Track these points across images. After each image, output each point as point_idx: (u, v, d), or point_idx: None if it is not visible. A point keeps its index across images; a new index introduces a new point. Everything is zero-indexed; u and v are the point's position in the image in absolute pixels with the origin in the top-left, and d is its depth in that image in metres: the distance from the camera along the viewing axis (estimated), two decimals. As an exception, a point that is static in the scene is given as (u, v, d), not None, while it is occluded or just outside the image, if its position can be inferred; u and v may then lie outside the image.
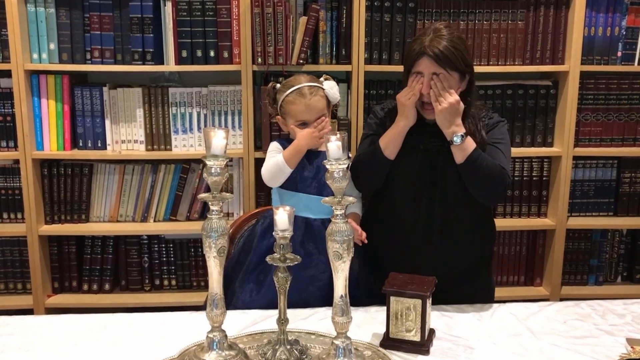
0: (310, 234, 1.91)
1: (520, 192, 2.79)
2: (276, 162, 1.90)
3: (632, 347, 1.56)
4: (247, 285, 1.90)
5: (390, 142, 1.90)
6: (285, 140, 1.99)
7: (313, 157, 1.96)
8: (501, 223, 2.70)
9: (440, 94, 1.82)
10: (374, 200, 2.08)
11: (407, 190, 1.93)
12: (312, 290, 1.87)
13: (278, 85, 2.00)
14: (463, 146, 1.82)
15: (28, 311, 2.64)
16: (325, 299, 1.85)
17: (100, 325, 1.70)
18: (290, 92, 1.93)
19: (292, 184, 1.94)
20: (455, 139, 1.82)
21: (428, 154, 1.92)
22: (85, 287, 2.77)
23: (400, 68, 2.03)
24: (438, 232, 1.92)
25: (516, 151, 2.67)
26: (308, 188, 1.94)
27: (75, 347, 1.58)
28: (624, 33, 2.67)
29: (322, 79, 1.99)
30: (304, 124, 1.93)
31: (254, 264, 1.92)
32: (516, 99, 2.71)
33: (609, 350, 1.56)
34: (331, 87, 1.98)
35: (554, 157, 2.76)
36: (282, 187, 1.96)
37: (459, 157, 1.84)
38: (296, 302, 1.72)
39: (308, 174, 1.94)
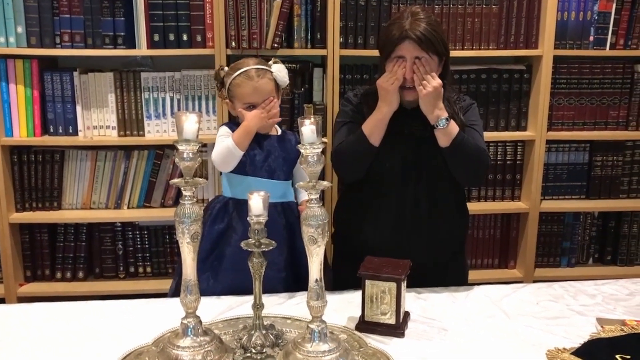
0: None
1: (494, 176, 2.82)
2: (227, 145, 1.86)
3: (602, 327, 1.59)
4: (203, 274, 1.87)
5: (375, 129, 1.87)
6: (235, 125, 1.95)
7: (262, 140, 1.93)
8: (475, 207, 2.73)
9: (424, 78, 1.82)
10: (352, 186, 2.05)
11: (393, 176, 1.92)
12: (271, 274, 1.84)
13: (226, 68, 1.97)
14: (447, 130, 1.82)
15: (-1, 300, 2.60)
16: (285, 280, 1.86)
17: (73, 313, 1.68)
18: (237, 75, 1.90)
19: (242, 168, 1.91)
20: (440, 122, 1.81)
21: (412, 139, 1.91)
22: (59, 275, 2.74)
23: (375, 52, 2.01)
24: (425, 217, 1.91)
25: (490, 135, 2.70)
26: (258, 171, 1.91)
27: (48, 335, 1.56)
28: (596, 18, 2.69)
29: (271, 62, 1.96)
30: (251, 107, 1.91)
31: (206, 252, 1.88)
32: (490, 83, 2.73)
33: (580, 330, 1.59)
34: (279, 70, 1.94)
35: (528, 141, 2.79)
36: (232, 171, 1.93)
37: (444, 141, 1.84)
38: (272, 285, 1.73)
39: (258, 157, 1.91)
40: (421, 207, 1.91)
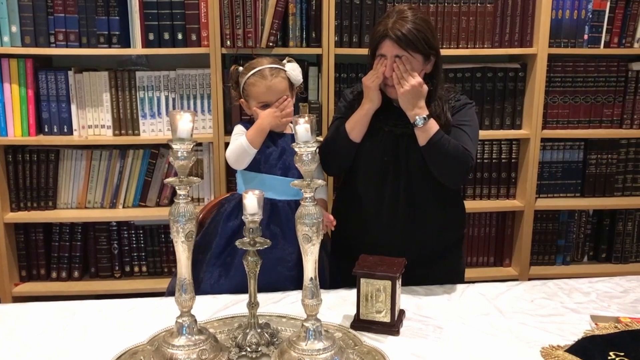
0: (275, 216, 1.90)
1: (489, 174, 2.83)
2: (240, 143, 1.88)
3: (596, 324, 1.60)
4: (215, 269, 1.90)
5: (356, 125, 1.90)
6: (249, 123, 1.97)
7: (277, 138, 1.95)
8: (471, 205, 2.74)
9: (403, 77, 1.82)
10: (344, 183, 2.08)
11: (371, 173, 1.94)
12: (281, 271, 1.87)
13: (241, 68, 1.98)
14: (425, 128, 1.83)
15: (-5, 300, 2.60)
16: (295, 279, 1.85)
17: (68, 312, 1.68)
18: (252, 74, 1.92)
19: (256, 165, 1.92)
20: (417, 121, 1.82)
21: (392, 136, 1.92)
22: (54, 274, 2.73)
23: (369, 51, 2.02)
24: (403, 215, 1.92)
25: (485, 134, 2.70)
26: (273, 169, 1.93)
27: (43, 334, 1.56)
28: (590, 16, 2.70)
29: (284, 61, 1.97)
30: (266, 106, 1.92)
31: (221, 247, 1.91)
32: (485, 81, 2.73)
33: (574, 327, 1.59)
34: (293, 69, 1.96)
35: (523, 140, 2.79)
36: (246, 169, 1.94)
37: (422, 139, 1.85)
38: (266, 284, 1.73)
39: (273, 155, 1.93)
40: (400, 203, 1.92)
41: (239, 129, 1.96)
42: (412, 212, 1.93)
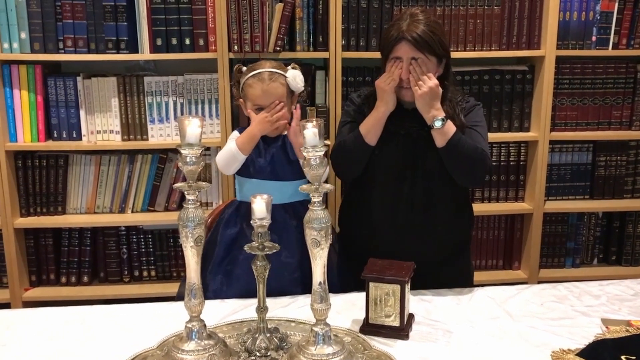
0: (272, 221, 1.87)
1: (497, 177, 2.82)
2: (230, 148, 1.88)
3: (607, 327, 1.59)
4: (217, 276, 1.90)
5: (371, 129, 1.89)
6: (245, 129, 1.98)
7: (270, 143, 1.94)
8: (479, 208, 2.73)
9: (420, 79, 1.82)
10: (353, 187, 2.08)
11: (389, 177, 1.93)
12: (285, 276, 1.86)
13: (244, 68, 1.99)
14: (444, 130, 1.83)
15: (5, 305, 2.61)
16: (299, 281, 1.85)
17: (78, 317, 1.69)
18: (251, 76, 1.92)
19: (246, 170, 1.93)
20: (436, 123, 1.82)
21: (409, 139, 1.92)
22: (63, 279, 2.74)
23: (377, 54, 2.02)
24: (420, 217, 1.92)
25: (493, 136, 2.69)
26: (264, 174, 1.92)
27: (53, 340, 1.57)
28: (598, 17, 2.69)
29: (289, 67, 1.97)
30: (260, 109, 1.91)
31: (221, 256, 1.91)
32: (493, 84, 2.73)
33: (584, 331, 1.59)
34: (294, 77, 1.94)
35: (531, 142, 2.78)
36: (239, 173, 1.95)
37: (440, 141, 1.84)
38: (271, 289, 1.73)
39: (262, 159, 1.92)
40: (415, 207, 1.92)
41: (234, 134, 1.97)
42: (428, 215, 1.92)
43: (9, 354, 1.50)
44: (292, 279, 1.87)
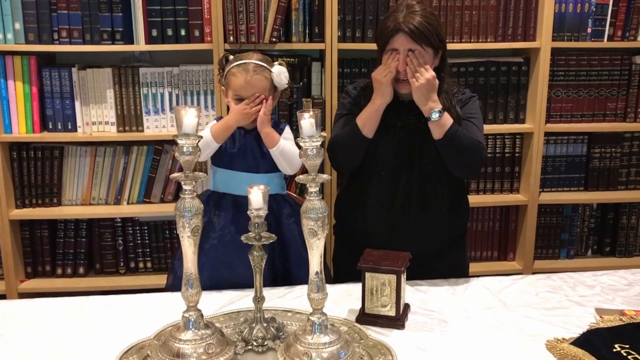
0: (241, 212, 1.82)
1: (493, 169, 2.83)
2: (204, 135, 1.86)
3: (600, 317, 1.60)
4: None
5: (368, 121, 1.89)
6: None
7: (245, 133, 1.93)
8: (475, 199, 2.73)
9: (417, 71, 1.82)
10: (350, 179, 2.08)
11: (385, 168, 1.93)
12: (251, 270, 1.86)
13: (231, 57, 1.98)
14: (441, 122, 1.83)
15: (0, 297, 2.61)
16: (266, 276, 1.85)
17: (75, 308, 1.69)
18: (236, 65, 1.91)
19: (220, 160, 1.92)
20: (433, 115, 1.82)
21: (405, 131, 1.92)
22: (59, 271, 2.74)
23: (373, 46, 2.02)
24: (416, 209, 1.93)
25: (488, 128, 2.70)
26: (238, 165, 1.91)
27: (50, 331, 1.57)
28: (594, 9, 2.69)
29: (276, 62, 1.96)
30: (240, 100, 1.90)
31: None
32: (488, 76, 2.73)
33: (579, 320, 1.60)
34: (279, 73, 1.92)
35: (526, 134, 2.79)
36: (214, 164, 1.94)
37: (437, 133, 1.84)
38: (237, 280, 1.77)
39: (237, 150, 1.91)
40: (413, 198, 1.92)
41: (212, 122, 1.97)
42: (424, 207, 1.93)
43: (5, 345, 1.50)
44: (269, 271, 1.86)
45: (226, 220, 1.90)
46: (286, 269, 1.93)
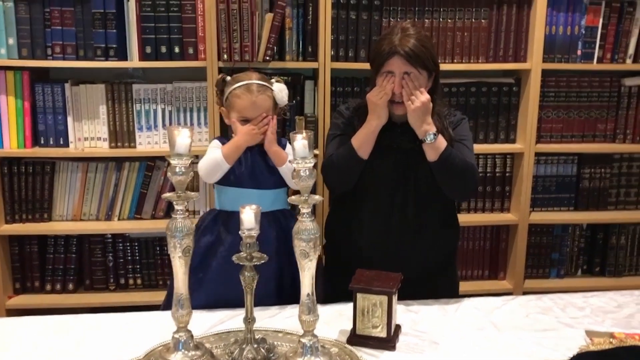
0: None
1: (483, 188, 2.84)
2: (214, 157, 1.88)
3: (591, 339, 1.61)
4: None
5: (364, 142, 1.89)
6: (225, 138, 1.98)
7: (248, 151, 1.93)
8: (465, 218, 2.75)
9: (412, 93, 1.83)
10: (343, 200, 2.07)
11: (380, 190, 1.94)
12: (259, 286, 1.85)
13: (228, 78, 1.99)
14: (435, 144, 1.84)
15: (-12, 313, 2.59)
16: (272, 293, 1.86)
17: (63, 326, 1.67)
18: (238, 86, 1.92)
19: (226, 179, 1.92)
20: (428, 137, 1.83)
21: (400, 153, 1.93)
22: (48, 287, 2.72)
23: (366, 65, 2.04)
24: (412, 230, 1.93)
25: (479, 148, 2.72)
26: (244, 182, 1.92)
27: (38, 349, 1.55)
28: (584, 32, 2.73)
29: (273, 80, 1.98)
30: (245, 121, 1.92)
31: (196, 263, 1.88)
32: (480, 96, 2.76)
33: (569, 342, 1.60)
34: (280, 90, 1.95)
35: (517, 154, 2.81)
36: (219, 182, 1.94)
37: (432, 155, 1.85)
38: (239, 299, 1.74)
39: (243, 168, 1.92)
40: (408, 220, 1.93)
41: (215, 143, 1.97)
42: (419, 229, 1.93)
43: (-7, 364, 1.49)
44: (265, 290, 1.85)
45: (236, 237, 1.88)
46: (294, 281, 1.92)
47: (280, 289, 1.91)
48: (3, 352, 1.54)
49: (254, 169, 1.93)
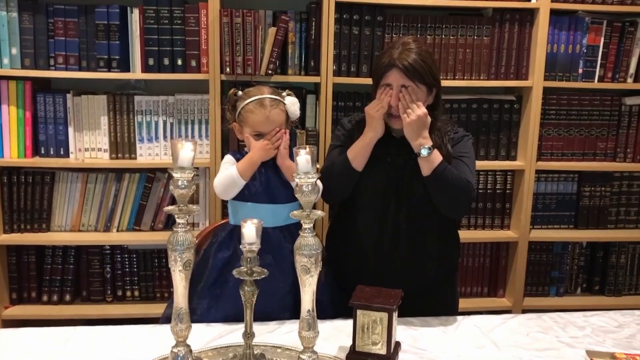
0: (267, 244, 1.82)
1: (484, 205, 2.84)
2: (230, 174, 1.87)
3: (591, 359, 1.60)
4: (204, 300, 1.87)
5: (359, 154, 1.91)
6: (239, 153, 1.97)
7: (262, 166, 1.93)
8: (465, 235, 2.74)
9: (408, 107, 1.84)
10: (340, 212, 2.08)
11: (374, 203, 1.94)
12: (275, 300, 1.84)
13: (240, 92, 1.99)
14: (430, 159, 1.84)
15: (-16, 323, 2.57)
16: (287, 307, 1.84)
17: (60, 338, 1.66)
18: (251, 101, 1.92)
19: (241, 194, 1.91)
20: (422, 151, 1.84)
21: (395, 166, 1.93)
22: (45, 298, 2.70)
23: (368, 80, 2.05)
24: (405, 244, 1.93)
25: (480, 164, 2.72)
26: (259, 197, 1.91)
27: (34, 362, 1.54)
28: (585, 51, 2.74)
29: (284, 93, 1.98)
30: (259, 136, 1.92)
31: (212, 279, 1.88)
32: (481, 113, 2.76)
33: (569, 362, 1.60)
34: (292, 104, 1.95)
35: (517, 171, 2.81)
36: (234, 198, 1.93)
37: (426, 169, 1.86)
38: (260, 314, 1.72)
39: (258, 183, 1.92)
40: (401, 234, 1.93)
41: (228, 158, 1.96)
42: (413, 243, 1.93)
43: (-11, 376, 1.47)
44: (280, 304, 1.85)
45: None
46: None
47: (297, 303, 1.88)
48: (-1, 364, 1.53)
49: (268, 183, 1.92)
